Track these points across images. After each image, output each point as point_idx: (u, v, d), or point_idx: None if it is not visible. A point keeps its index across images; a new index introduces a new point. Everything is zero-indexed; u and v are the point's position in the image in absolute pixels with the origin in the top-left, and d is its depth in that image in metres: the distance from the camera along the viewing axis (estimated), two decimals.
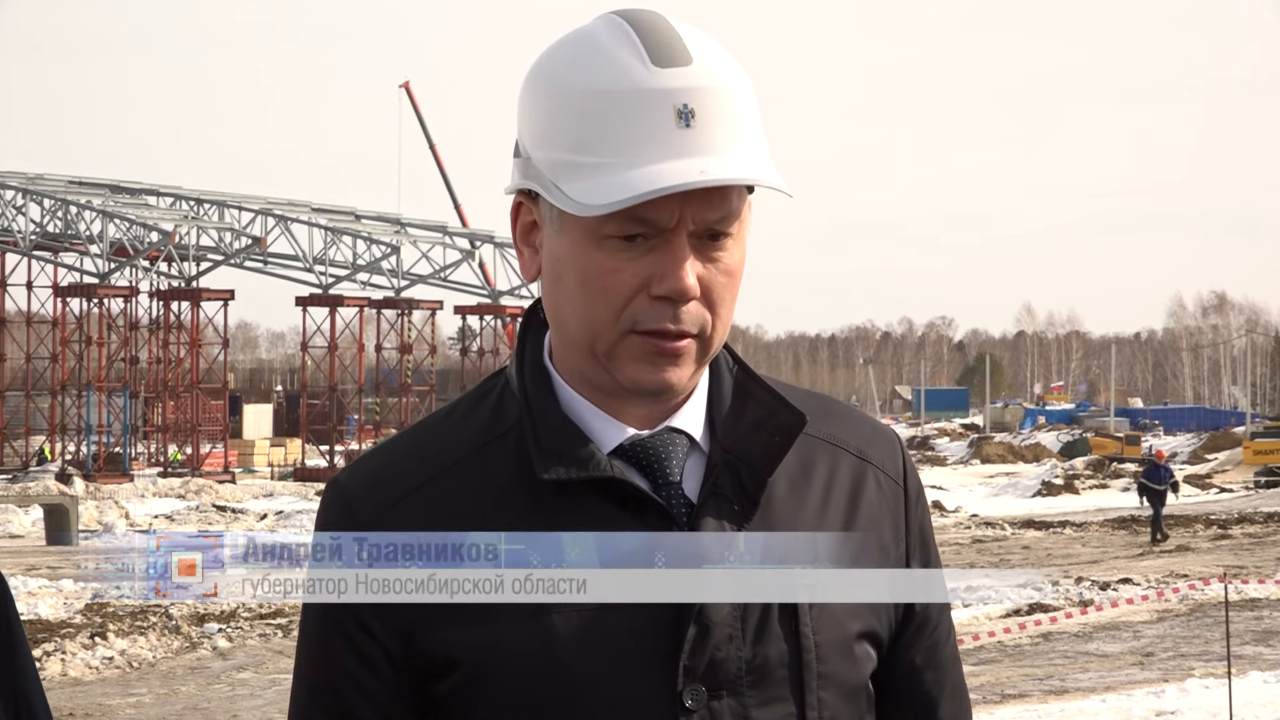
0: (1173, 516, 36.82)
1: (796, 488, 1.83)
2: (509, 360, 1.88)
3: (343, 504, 1.82)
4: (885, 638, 1.87)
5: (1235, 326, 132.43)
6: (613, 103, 1.71)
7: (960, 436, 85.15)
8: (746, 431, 1.82)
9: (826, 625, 1.80)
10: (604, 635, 1.73)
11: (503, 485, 1.79)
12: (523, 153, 1.78)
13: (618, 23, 1.76)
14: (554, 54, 1.78)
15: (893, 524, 1.89)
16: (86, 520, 36.67)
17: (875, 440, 1.92)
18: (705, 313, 1.75)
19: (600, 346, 1.76)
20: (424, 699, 1.79)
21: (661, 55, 1.72)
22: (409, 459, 1.82)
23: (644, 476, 1.79)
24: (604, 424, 1.80)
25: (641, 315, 1.74)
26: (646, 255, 1.73)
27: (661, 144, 1.70)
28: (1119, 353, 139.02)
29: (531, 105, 1.77)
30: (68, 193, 67.76)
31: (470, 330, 78.69)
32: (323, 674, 1.81)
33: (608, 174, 1.70)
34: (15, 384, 72.26)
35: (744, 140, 1.74)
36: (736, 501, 1.79)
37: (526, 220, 1.81)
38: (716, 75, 1.73)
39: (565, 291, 1.77)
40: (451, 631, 1.75)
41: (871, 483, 1.89)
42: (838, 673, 1.80)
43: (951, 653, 1.95)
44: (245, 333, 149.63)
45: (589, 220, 1.72)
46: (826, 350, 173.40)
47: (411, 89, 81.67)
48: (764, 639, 1.76)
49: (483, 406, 1.85)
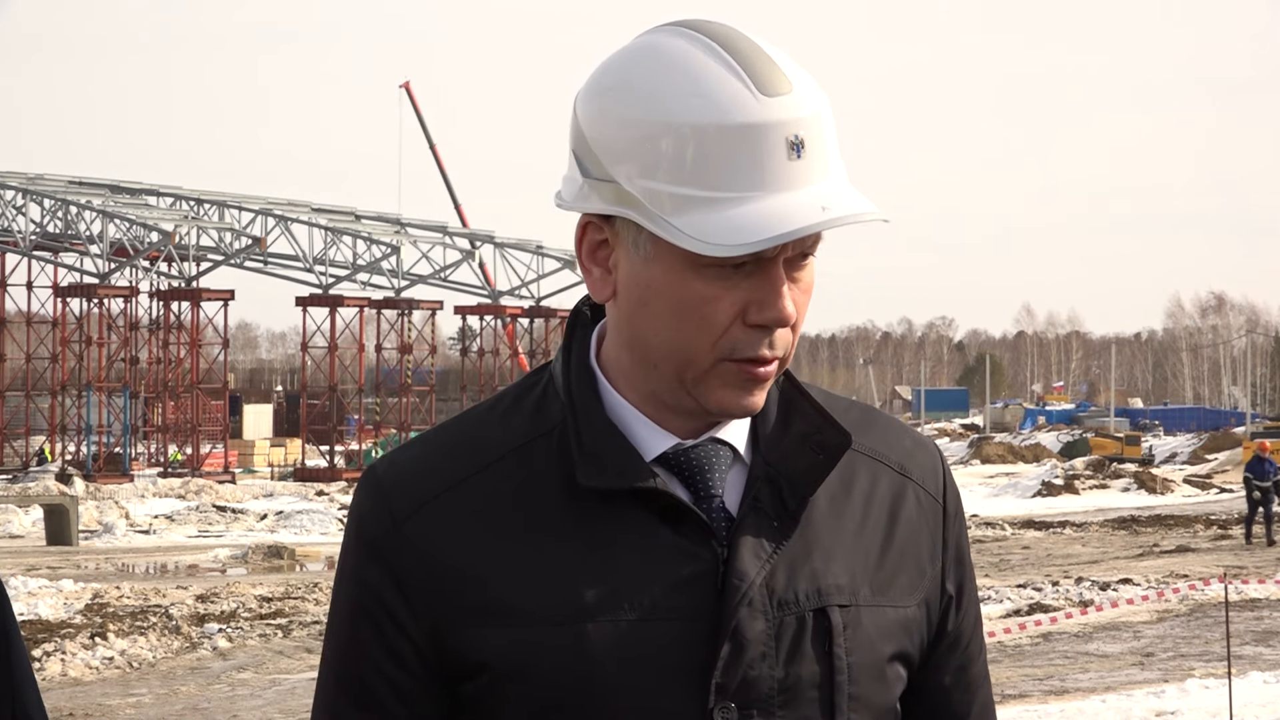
0: (1173, 517, 36.83)
1: (836, 503, 1.81)
2: (554, 357, 1.86)
3: (380, 495, 1.79)
4: (917, 658, 1.84)
5: (1235, 327, 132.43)
6: (728, 136, 1.66)
7: (960, 437, 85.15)
8: (791, 447, 1.79)
9: (860, 647, 1.77)
10: (638, 648, 1.71)
11: (543, 488, 1.76)
12: (599, 174, 1.73)
13: (706, 44, 1.70)
14: (641, 76, 1.71)
15: (930, 542, 1.86)
16: (86, 520, 36.67)
17: (917, 455, 1.89)
18: (789, 335, 1.74)
19: (691, 373, 1.73)
20: (452, 697, 1.77)
21: (766, 83, 1.68)
22: (449, 453, 1.79)
23: (685, 487, 1.76)
24: (649, 431, 1.77)
25: (738, 343, 1.71)
26: (744, 282, 1.70)
27: (776, 177, 1.67)
28: (1119, 353, 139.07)
29: (617, 128, 1.71)
30: (68, 193, 67.77)
31: (470, 330, 78.76)
32: (350, 664, 1.79)
33: (725, 209, 1.66)
34: (15, 384, 72.27)
35: (840, 166, 1.72)
36: (776, 517, 1.76)
37: (595, 239, 1.76)
38: (816, 102, 1.70)
39: (654, 317, 1.72)
40: (484, 633, 1.73)
41: (911, 499, 1.86)
42: (869, 694, 1.78)
43: (981, 670, 1.92)
44: (245, 333, 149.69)
45: (685, 249, 1.68)
46: (826, 350, 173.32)
47: (411, 89, 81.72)
48: (797, 659, 1.74)
49: (525, 403, 1.82)
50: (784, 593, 1.74)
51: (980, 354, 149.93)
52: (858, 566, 1.79)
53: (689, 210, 1.67)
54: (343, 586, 1.81)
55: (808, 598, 1.75)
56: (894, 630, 1.81)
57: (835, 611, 1.76)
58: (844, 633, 1.76)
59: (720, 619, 1.72)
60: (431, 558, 1.75)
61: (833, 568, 1.78)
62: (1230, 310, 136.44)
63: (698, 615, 1.72)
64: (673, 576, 1.73)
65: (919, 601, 1.84)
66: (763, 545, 1.75)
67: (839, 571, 1.78)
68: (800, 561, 1.76)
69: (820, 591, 1.76)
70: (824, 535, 1.78)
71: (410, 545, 1.76)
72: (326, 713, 1.82)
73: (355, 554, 1.80)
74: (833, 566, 1.78)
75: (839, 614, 1.76)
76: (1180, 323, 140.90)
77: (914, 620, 1.83)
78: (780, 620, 1.74)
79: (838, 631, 1.76)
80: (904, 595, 1.82)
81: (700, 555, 1.74)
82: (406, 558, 1.76)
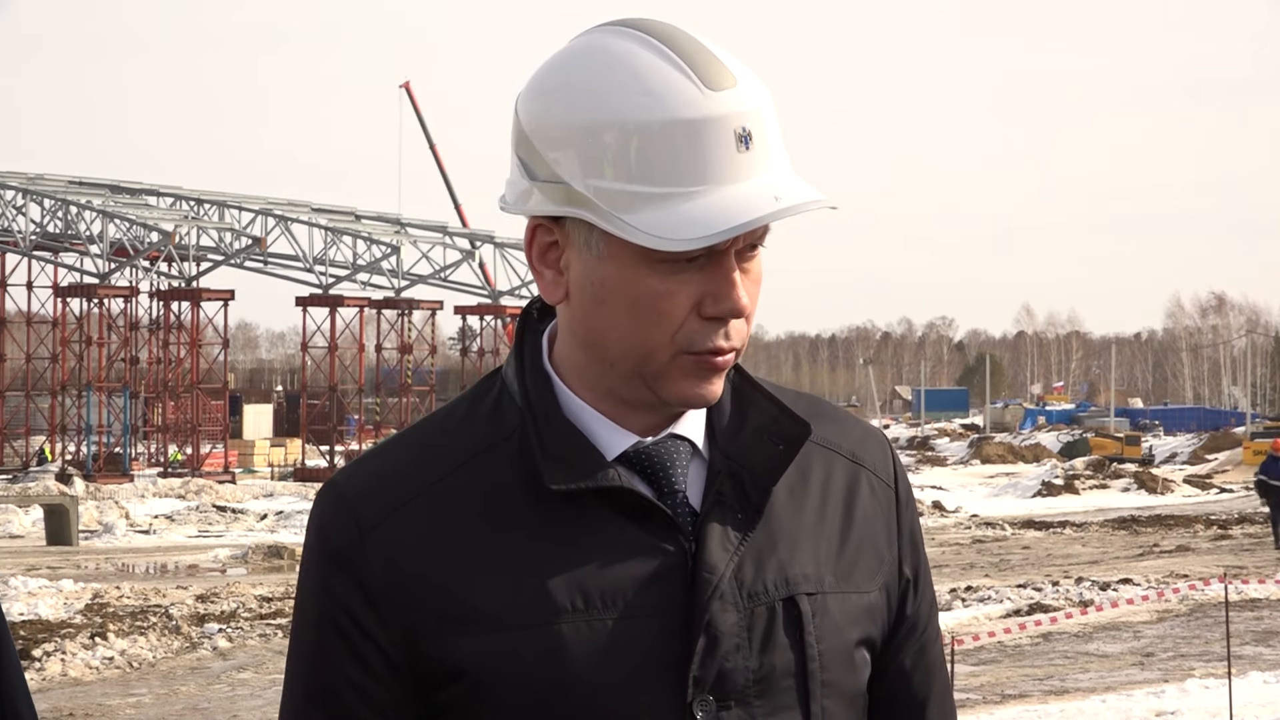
0: (1173, 517, 36.82)
1: (795, 494, 1.83)
2: (506, 362, 1.86)
3: (344, 505, 1.78)
4: (879, 643, 1.87)
5: (1235, 327, 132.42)
6: (676, 131, 1.68)
7: (960, 437, 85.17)
8: (750, 439, 1.81)
9: (829, 634, 1.80)
10: (614, 646, 1.72)
11: (506, 492, 1.76)
12: (547, 175, 1.73)
13: (649, 41, 1.71)
14: (586, 76, 1.71)
15: (886, 528, 1.89)
16: (86, 520, 36.67)
17: (867, 443, 1.92)
18: (744, 326, 1.76)
19: (650, 368, 1.74)
20: (426, 705, 1.76)
21: (710, 78, 1.69)
22: (410, 462, 1.79)
23: (648, 484, 1.77)
24: (608, 430, 1.78)
25: (695, 336, 1.73)
26: (697, 275, 1.71)
27: (725, 169, 1.68)
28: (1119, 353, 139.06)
29: (564, 130, 1.71)
30: (68, 193, 67.76)
31: (470, 330, 78.72)
32: (320, 677, 1.77)
33: (677, 204, 1.68)
34: (15, 384, 72.26)
35: (785, 157, 1.74)
36: (740, 510, 1.78)
37: (545, 241, 1.77)
38: (759, 94, 1.72)
39: (610, 315, 1.74)
40: (458, 640, 1.72)
41: (865, 487, 1.89)
42: (840, 681, 1.80)
43: (938, 655, 1.95)
44: (245, 333, 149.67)
45: (639, 246, 1.70)
46: (826, 350, 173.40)
47: (411, 89, 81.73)
48: (770, 648, 1.76)
49: (481, 408, 1.82)
50: (753, 584, 1.77)
51: (980, 354, 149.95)
52: (821, 555, 1.82)
53: (642, 207, 1.69)
54: (308, 601, 1.79)
55: (776, 587, 1.78)
56: (859, 616, 1.84)
57: (803, 600, 1.79)
58: (813, 620, 1.79)
59: (692, 612, 1.73)
60: (399, 567, 1.74)
61: (798, 557, 1.80)
62: (1230, 310, 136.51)
63: (670, 610, 1.74)
64: (643, 573, 1.74)
65: (879, 587, 1.87)
66: (729, 537, 1.77)
67: (804, 560, 1.81)
68: (766, 552, 1.79)
69: (788, 581, 1.79)
70: (787, 525, 1.81)
71: (377, 555, 1.75)
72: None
73: (319, 566, 1.78)
74: (798, 556, 1.80)
75: (807, 602, 1.79)
76: (1180, 323, 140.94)
77: (876, 605, 1.86)
78: (751, 611, 1.76)
79: (807, 619, 1.78)
80: (865, 581, 1.85)
81: (668, 551, 1.75)
82: (374, 568, 1.75)
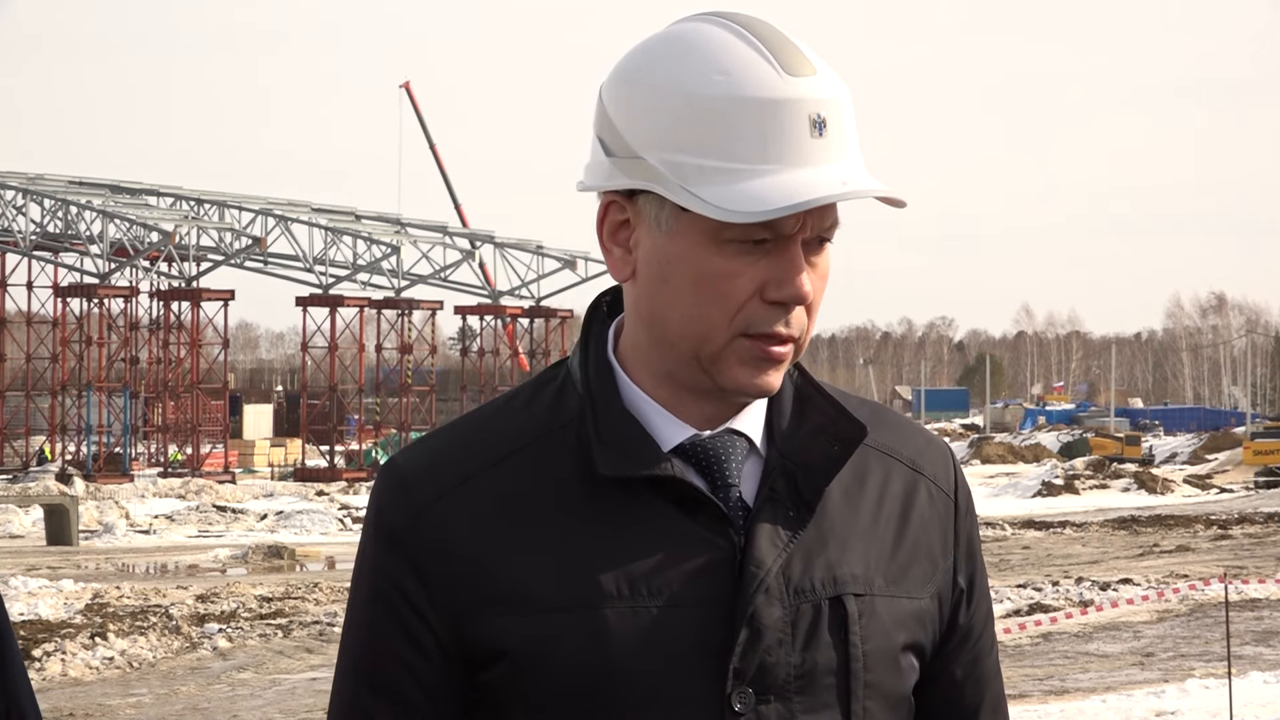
0: (1173, 517, 36.84)
1: (850, 496, 1.84)
2: (571, 351, 1.89)
3: (400, 485, 1.81)
4: (929, 650, 1.87)
5: (1235, 327, 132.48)
6: (751, 109, 1.71)
7: (960, 437, 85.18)
8: (806, 438, 1.82)
9: (875, 635, 1.80)
10: (657, 634, 1.74)
11: (561, 478, 1.78)
12: (624, 152, 1.77)
13: (733, 28, 1.75)
14: (668, 57, 1.76)
15: (942, 536, 1.89)
16: (86, 520, 36.70)
17: (929, 452, 1.92)
18: (805, 317, 1.77)
19: (707, 349, 1.76)
20: (471, 685, 1.79)
21: (790, 64, 1.73)
22: (469, 445, 1.82)
23: (702, 477, 1.79)
24: (666, 422, 1.80)
25: (755, 319, 1.74)
26: (763, 259, 1.73)
27: (797, 152, 1.71)
28: (1119, 353, 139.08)
29: (644, 107, 1.75)
30: (68, 193, 67.79)
31: (470, 330, 78.78)
32: (370, 652, 1.81)
33: (745, 180, 1.71)
34: (15, 384, 72.29)
35: (857, 150, 1.77)
36: (793, 507, 1.79)
37: (617, 219, 1.80)
38: (838, 86, 1.76)
39: (673, 292, 1.76)
40: (503, 621, 1.75)
41: (923, 494, 1.89)
42: (883, 682, 1.80)
43: (993, 666, 1.95)
44: (245, 333, 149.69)
45: (710, 223, 1.72)
46: (826, 350, 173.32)
47: (411, 89, 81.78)
48: (813, 645, 1.77)
49: (543, 396, 1.84)
50: (800, 580, 1.77)
51: (980, 354, 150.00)
52: (872, 557, 1.82)
53: (712, 181, 1.71)
54: (363, 576, 1.83)
55: (823, 586, 1.78)
56: (907, 620, 1.83)
57: (850, 600, 1.79)
58: (859, 621, 1.79)
59: (737, 605, 1.74)
60: (451, 547, 1.77)
61: (848, 557, 1.81)
62: (1230, 310, 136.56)
63: (715, 602, 1.75)
64: (691, 564, 1.75)
65: (931, 594, 1.87)
66: (779, 534, 1.78)
67: (854, 561, 1.81)
68: (816, 551, 1.79)
69: (836, 580, 1.79)
70: (839, 526, 1.82)
71: (431, 535, 1.78)
72: (346, 701, 1.83)
73: (375, 544, 1.82)
74: (848, 556, 1.81)
75: (854, 602, 1.79)
76: (1180, 323, 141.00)
77: (927, 612, 1.86)
78: (797, 607, 1.77)
79: (853, 619, 1.79)
80: (917, 587, 1.85)
81: (718, 543, 1.76)
82: (427, 548, 1.78)
